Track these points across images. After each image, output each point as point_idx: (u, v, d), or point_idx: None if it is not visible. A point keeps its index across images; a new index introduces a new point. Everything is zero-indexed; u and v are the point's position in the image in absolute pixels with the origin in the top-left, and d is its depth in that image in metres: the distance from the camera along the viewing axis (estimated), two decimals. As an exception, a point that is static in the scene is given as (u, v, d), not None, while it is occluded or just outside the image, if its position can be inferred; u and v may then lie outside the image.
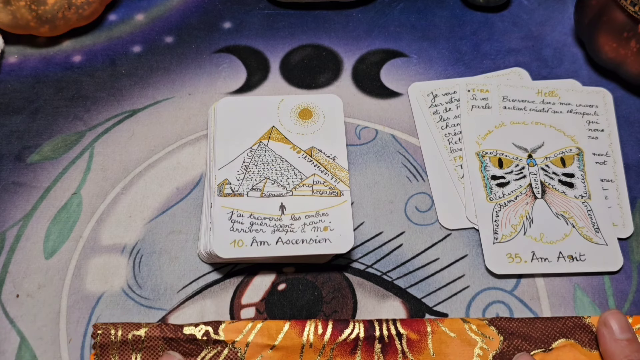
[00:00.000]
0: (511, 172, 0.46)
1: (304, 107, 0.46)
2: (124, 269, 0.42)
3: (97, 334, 0.38)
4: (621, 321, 0.38)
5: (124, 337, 0.38)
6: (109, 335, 0.38)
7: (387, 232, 0.44)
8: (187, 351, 0.38)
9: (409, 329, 0.39)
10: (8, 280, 0.42)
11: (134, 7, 0.54)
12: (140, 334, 0.38)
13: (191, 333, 0.38)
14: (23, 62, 0.51)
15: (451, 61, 0.52)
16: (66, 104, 0.49)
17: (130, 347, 0.38)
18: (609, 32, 0.47)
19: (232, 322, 0.39)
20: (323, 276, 0.43)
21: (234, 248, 0.40)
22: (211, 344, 0.38)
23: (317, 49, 0.52)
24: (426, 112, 0.49)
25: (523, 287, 0.42)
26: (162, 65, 0.51)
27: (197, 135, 0.48)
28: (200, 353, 0.38)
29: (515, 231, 0.43)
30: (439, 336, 0.39)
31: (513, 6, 0.55)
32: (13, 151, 0.47)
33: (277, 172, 0.43)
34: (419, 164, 0.47)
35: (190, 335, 0.38)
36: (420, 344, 0.39)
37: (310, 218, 0.41)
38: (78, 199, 0.45)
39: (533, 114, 0.48)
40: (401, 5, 0.55)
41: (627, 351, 0.37)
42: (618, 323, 0.38)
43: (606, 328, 0.38)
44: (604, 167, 0.46)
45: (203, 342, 0.38)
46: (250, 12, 0.54)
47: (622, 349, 0.37)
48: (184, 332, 0.38)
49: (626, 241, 0.44)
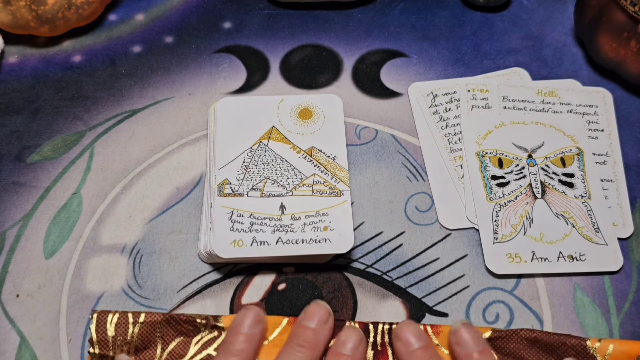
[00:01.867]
0: (511, 172, 0.46)
1: (304, 107, 0.46)
2: (124, 269, 0.42)
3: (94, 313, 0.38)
4: (414, 331, 0.38)
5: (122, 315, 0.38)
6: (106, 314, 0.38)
7: (387, 232, 0.44)
8: (185, 331, 0.38)
9: None
10: (8, 280, 0.42)
11: (134, 7, 0.54)
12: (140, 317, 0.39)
13: (190, 315, 0.39)
14: (23, 62, 0.51)
15: (451, 61, 0.52)
16: (66, 104, 0.49)
17: (128, 320, 0.38)
18: (609, 32, 0.47)
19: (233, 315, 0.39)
20: (323, 276, 0.43)
21: (234, 248, 0.40)
22: (209, 328, 0.38)
23: (317, 49, 0.52)
24: (426, 112, 0.49)
25: (523, 287, 0.42)
26: (162, 65, 0.51)
27: (197, 135, 0.48)
28: (196, 335, 0.38)
29: (515, 231, 0.43)
30: None
31: (513, 6, 0.55)
32: (13, 151, 0.47)
33: (277, 172, 0.43)
34: (419, 164, 0.47)
35: (189, 317, 0.38)
36: None
37: (310, 218, 0.41)
38: (78, 198, 0.45)
39: (533, 114, 0.48)
40: (401, 5, 0.55)
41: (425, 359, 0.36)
42: (411, 333, 0.37)
43: (400, 341, 0.37)
44: (604, 167, 0.46)
45: (201, 325, 0.39)
46: (250, 12, 0.54)
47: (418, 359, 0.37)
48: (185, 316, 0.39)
49: (626, 241, 0.44)
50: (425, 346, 0.37)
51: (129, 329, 0.38)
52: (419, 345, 0.37)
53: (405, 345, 0.37)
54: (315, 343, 0.37)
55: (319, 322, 0.37)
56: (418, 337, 0.37)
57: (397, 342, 0.38)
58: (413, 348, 0.37)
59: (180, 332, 0.39)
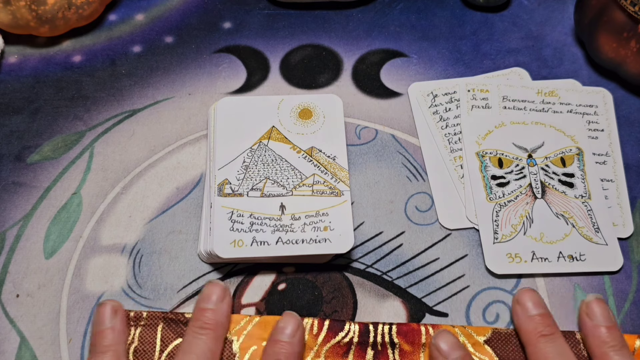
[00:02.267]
0: (511, 172, 0.46)
1: (304, 107, 0.46)
2: (124, 269, 0.42)
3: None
4: (534, 298, 0.39)
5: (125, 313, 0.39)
6: None
7: (387, 232, 0.44)
8: (184, 333, 0.38)
9: (403, 339, 0.39)
10: (8, 280, 0.42)
11: (134, 7, 0.54)
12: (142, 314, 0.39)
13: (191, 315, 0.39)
14: (23, 62, 0.51)
15: (451, 61, 0.52)
16: (66, 104, 0.49)
17: (130, 322, 0.39)
18: (609, 32, 0.47)
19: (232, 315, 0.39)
20: (323, 276, 0.43)
21: (234, 248, 0.40)
22: None
23: (317, 49, 0.52)
24: (426, 112, 0.49)
25: (523, 287, 0.42)
26: (162, 65, 0.51)
27: (197, 135, 0.48)
28: None
29: (515, 231, 0.43)
30: None
31: (513, 6, 0.55)
32: (13, 151, 0.47)
33: (277, 172, 0.43)
34: (419, 164, 0.47)
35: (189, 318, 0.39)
36: (413, 356, 0.39)
37: (310, 218, 0.41)
38: (78, 198, 0.45)
39: (533, 114, 0.48)
40: (401, 5, 0.55)
41: (540, 327, 0.38)
42: (531, 299, 0.39)
43: (519, 305, 0.39)
44: (604, 167, 0.46)
45: None
46: (250, 12, 0.54)
47: (535, 324, 0.38)
48: (185, 317, 0.39)
49: (626, 241, 0.44)
50: (544, 314, 0.38)
51: (129, 330, 0.38)
52: (537, 313, 0.38)
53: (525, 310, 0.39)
54: (215, 322, 0.37)
55: (217, 301, 0.38)
56: (537, 304, 0.39)
57: (516, 306, 0.39)
58: (532, 313, 0.38)
59: (179, 334, 0.39)
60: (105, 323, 0.38)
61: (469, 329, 0.39)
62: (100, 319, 0.38)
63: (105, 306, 0.38)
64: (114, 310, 0.38)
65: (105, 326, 0.37)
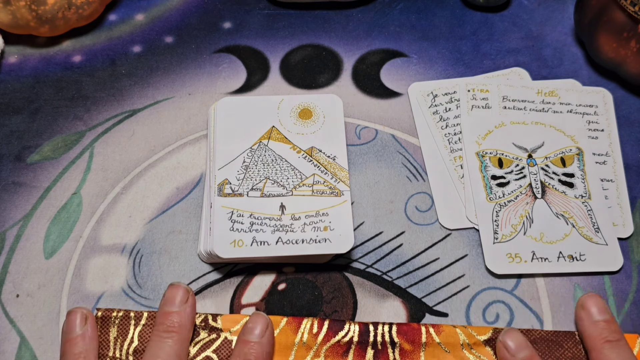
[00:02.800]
0: (511, 172, 0.46)
1: (304, 107, 0.46)
2: (124, 269, 0.42)
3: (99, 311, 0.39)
4: (599, 303, 0.39)
5: (126, 313, 0.39)
6: (110, 312, 0.39)
7: (387, 232, 0.44)
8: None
9: (403, 338, 0.39)
10: (8, 280, 0.42)
11: (134, 7, 0.54)
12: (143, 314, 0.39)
13: None
14: (23, 62, 0.51)
15: (451, 61, 0.52)
16: (66, 104, 0.49)
17: (130, 321, 0.39)
18: (609, 32, 0.47)
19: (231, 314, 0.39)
20: (323, 276, 0.43)
21: (234, 248, 0.40)
22: (208, 330, 0.39)
23: (317, 49, 0.52)
24: (426, 112, 0.49)
25: (523, 287, 0.42)
26: (162, 65, 0.51)
27: (197, 135, 0.48)
28: (195, 338, 0.39)
29: (515, 231, 0.43)
30: (432, 350, 0.39)
31: (513, 6, 0.55)
32: (13, 151, 0.47)
33: (277, 172, 0.43)
34: (419, 164, 0.47)
35: None
36: (413, 355, 0.39)
37: (310, 218, 0.41)
38: (78, 199, 0.45)
39: (533, 114, 0.48)
40: (401, 5, 0.55)
41: (605, 333, 0.37)
42: (596, 305, 0.39)
43: (584, 311, 0.39)
44: (604, 167, 0.46)
45: (200, 327, 0.39)
46: (250, 12, 0.54)
47: (600, 330, 0.38)
48: None
49: (626, 241, 0.44)
50: (609, 320, 0.38)
51: (130, 331, 0.38)
52: (602, 319, 0.38)
53: (589, 316, 0.39)
54: (180, 324, 0.37)
55: (180, 303, 0.38)
56: (602, 310, 0.39)
57: (581, 311, 0.39)
58: (597, 319, 0.38)
59: None
60: (75, 330, 0.37)
61: (469, 329, 0.39)
62: (70, 327, 0.38)
63: (75, 314, 0.38)
64: (84, 317, 0.38)
65: (76, 334, 0.37)
